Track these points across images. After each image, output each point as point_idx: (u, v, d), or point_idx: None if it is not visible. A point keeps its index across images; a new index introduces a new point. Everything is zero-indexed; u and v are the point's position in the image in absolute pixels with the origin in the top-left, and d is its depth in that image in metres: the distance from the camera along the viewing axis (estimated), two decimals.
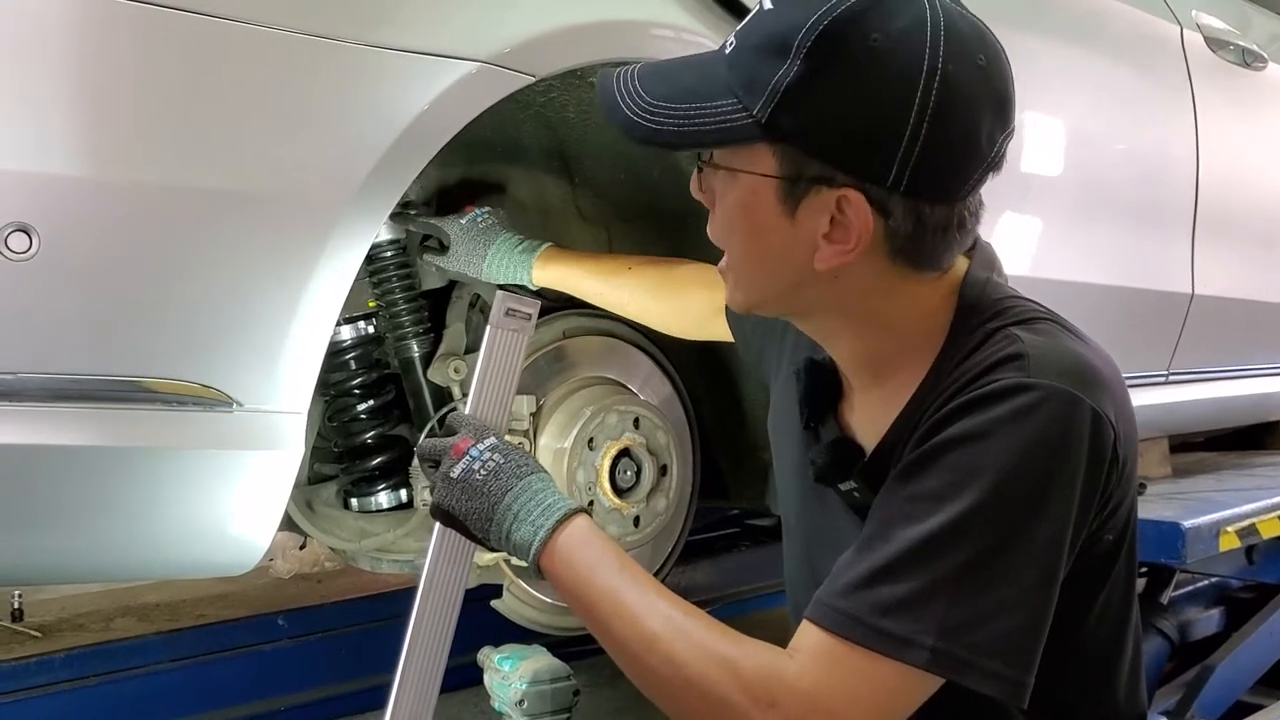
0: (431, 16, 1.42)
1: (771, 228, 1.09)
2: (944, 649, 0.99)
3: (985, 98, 1.05)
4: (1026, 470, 1.02)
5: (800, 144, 1.05)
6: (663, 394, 2.04)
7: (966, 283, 1.15)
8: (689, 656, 1.05)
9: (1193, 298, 2.73)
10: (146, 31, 1.23)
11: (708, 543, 3.03)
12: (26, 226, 1.18)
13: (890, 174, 1.03)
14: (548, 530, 1.13)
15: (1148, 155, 2.64)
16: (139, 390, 1.28)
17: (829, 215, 1.06)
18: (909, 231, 1.07)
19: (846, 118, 1.03)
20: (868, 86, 1.02)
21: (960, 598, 1.00)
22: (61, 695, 2.21)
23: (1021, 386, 1.03)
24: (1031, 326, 1.11)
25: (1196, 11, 2.84)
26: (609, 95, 1.13)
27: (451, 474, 1.18)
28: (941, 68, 1.01)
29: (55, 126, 1.20)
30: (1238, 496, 2.63)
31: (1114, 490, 1.08)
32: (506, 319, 1.29)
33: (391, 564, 1.88)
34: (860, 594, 1.02)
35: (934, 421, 1.07)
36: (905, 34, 1.02)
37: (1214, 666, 2.63)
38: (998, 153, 1.07)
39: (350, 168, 1.36)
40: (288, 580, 3.02)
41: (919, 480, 1.05)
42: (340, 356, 1.81)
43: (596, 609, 1.12)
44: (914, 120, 1.01)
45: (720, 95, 1.07)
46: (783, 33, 1.04)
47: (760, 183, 1.08)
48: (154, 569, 1.70)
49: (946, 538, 1.01)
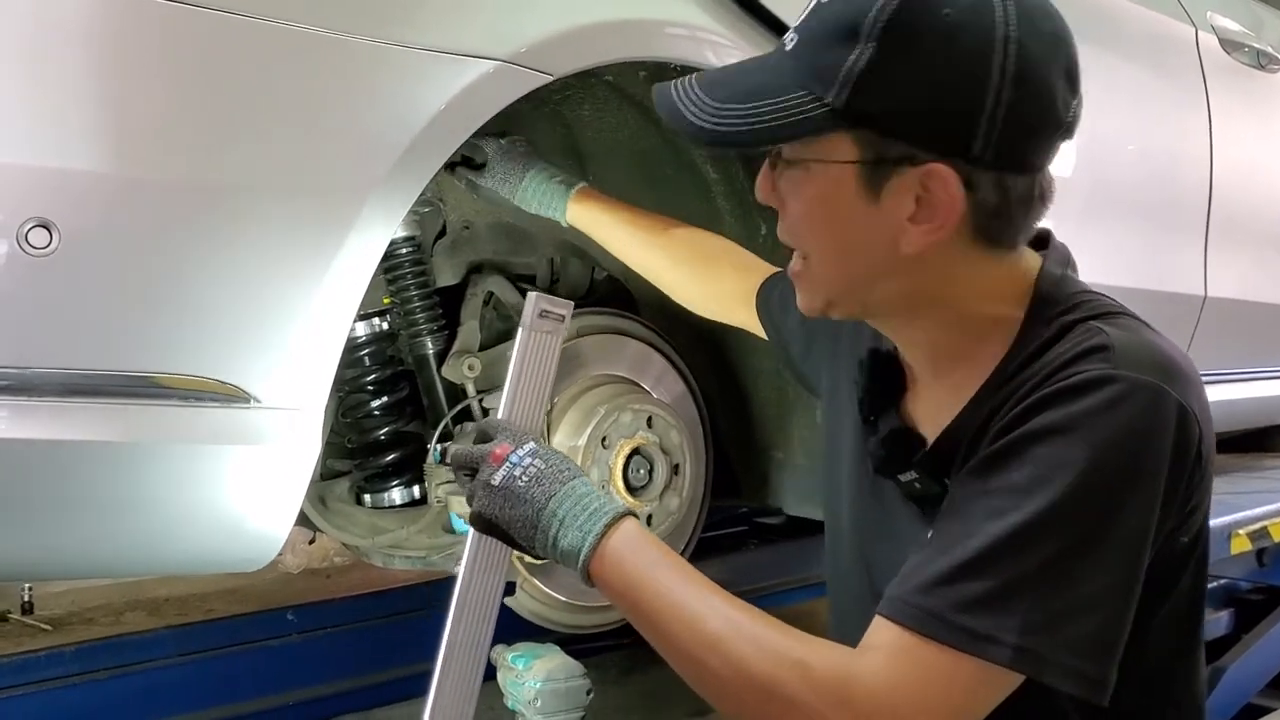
0: (451, 15, 1.42)
1: (853, 218, 1.08)
2: (1027, 646, 0.97)
3: (1057, 64, 1.05)
4: (1113, 464, 1.00)
5: (881, 126, 1.04)
6: (675, 392, 2.04)
7: (1042, 275, 1.14)
8: (755, 658, 1.03)
9: (1205, 299, 2.73)
10: (166, 28, 1.23)
11: (716, 540, 3.03)
12: (47, 222, 1.18)
13: (975, 146, 1.02)
14: (596, 535, 1.11)
15: (1161, 156, 2.64)
16: (156, 386, 1.28)
17: (914, 196, 1.05)
18: (995, 204, 1.06)
19: (927, 94, 1.02)
20: (945, 61, 1.01)
21: (1045, 594, 0.98)
22: (71, 688, 2.21)
23: (1108, 378, 1.02)
24: (1113, 320, 1.09)
25: (1211, 13, 2.83)
26: (669, 104, 1.12)
27: (493, 481, 1.16)
28: (1016, 36, 1.01)
29: (75, 123, 1.20)
30: (1249, 499, 2.64)
31: (1195, 489, 1.07)
32: (540, 320, 1.26)
33: (404, 560, 1.88)
34: (942, 590, 1.00)
35: (1016, 414, 1.05)
36: (977, 6, 1.02)
37: (1224, 669, 2.64)
38: (1073, 118, 1.07)
39: (369, 165, 1.36)
40: (297, 575, 3.02)
41: (1003, 474, 1.03)
42: (355, 353, 1.81)
43: (652, 613, 1.10)
44: (994, 91, 1.01)
45: (790, 89, 1.06)
46: (851, 17, 1.03)
47: (841, 172, 1.07)
48: (170, 564, 1.70)
49: (1033, 532, 0.99)
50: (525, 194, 1.71)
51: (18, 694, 2.17)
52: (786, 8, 1.75)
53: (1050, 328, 1.09)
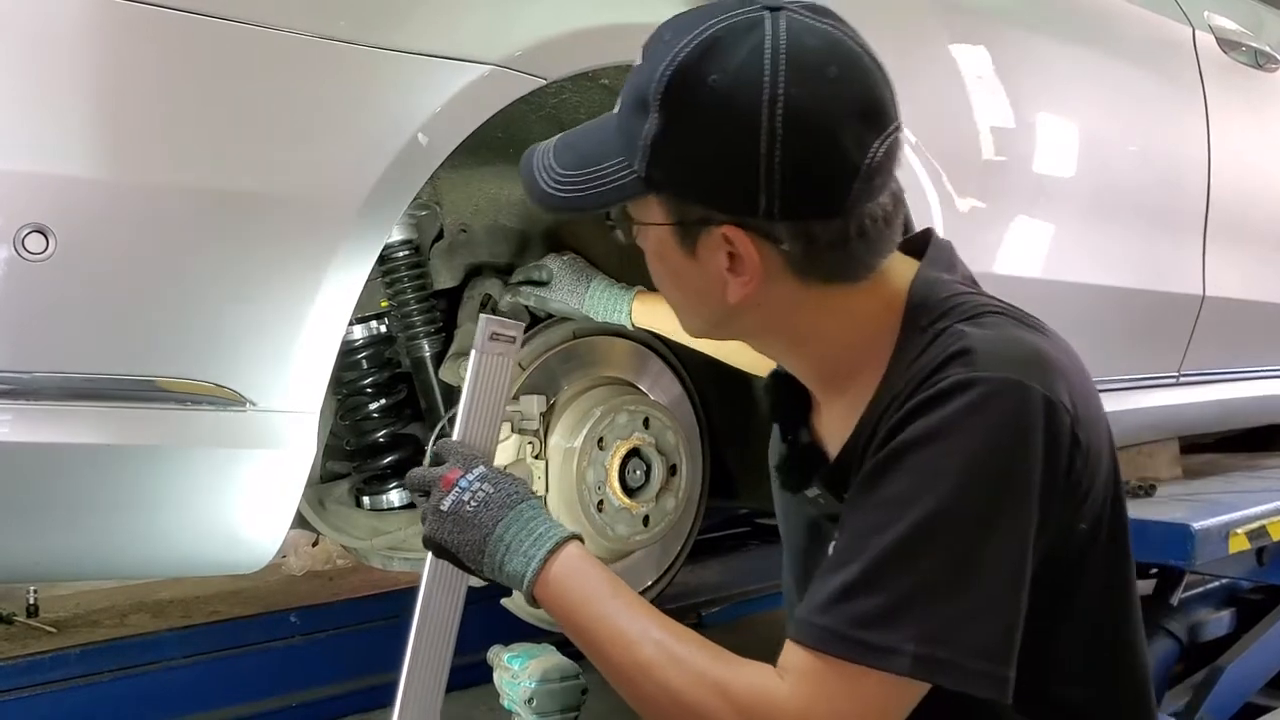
0: (444, 20, 1.43)
1: (683, 272, 1.15)
2: (925, 654, 1.00)
3: (842, 109, 1.04)
4: (985, 465, 1.02)
5: (677, 191, 1.10)
6: (672, 394, 2.05)
7: (914, 284, 1.16)
8: (682, 683, 1.06)
9: (1204, 299, 2.73)
10: (161, 35, 1.24)
11: (716, 542, 3.04)
12: (43, 228, 1.19)
13: (760, 204, 1.05)
14: (540, 561, 1.14)
15: (1159, 157, 2.64)
16: (153, 389, 1.29)
17: (724, 251, 1.10)
18: (803, 252, 1.09)
19: (705, 160, 1.06)
20: (716, 127, 1.04)
21: (936, 601, 1.01)
22: (76, 690, 2.23)
23: (970, 381, 1.04)
24: (978, 321, 1.11)
25: (1208, 13, 2.83)
26: (529, 174, 1.19)
27: (442, 507, 1.19)
28: (785, 92, 1.02)
29: (71, 129, 1.21)
30: (1248, 498, 2.63)
31: (1080, 475, 1.08)
32: (491, 343, 1.28)
33: (403, 562, 1.89)
34: (839, 607, 1.03)
35: (891, 426, 1.08)
36: (742, 68, 1.03)
37: (1224, 668, 2.64)
38: (874, 157, 1.06)
39: (364, 169, 1.37)
40: (300, 577, 3.03)
41: (883, 487, 1.06)
42: (353, 356, 1.83)
43: (591, 638, 1.13)
44: (764, 150, 1.03)
45: (611, 156, 1.12)
46: (641, 88, 1.08)
47: (660, 231, 1.13)
48: (166, 567, 1.71)
49: (916, 542, 1.02)
50: (592, 302, 1.81)
51: (23, 696, 2.19)
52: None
53: (925, 336, 1.12)
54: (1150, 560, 2.67)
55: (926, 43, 2.12)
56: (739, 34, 1.04)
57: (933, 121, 2.06)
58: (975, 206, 2.16)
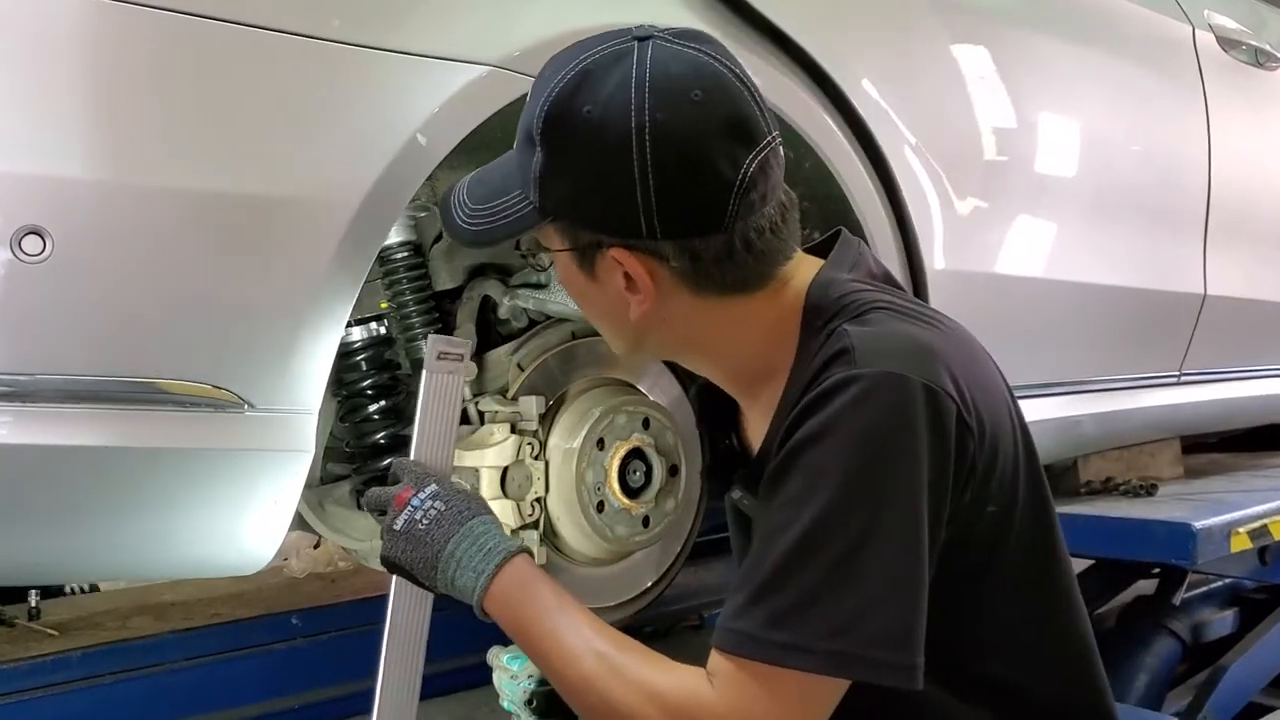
0: (442, 21, 1.44)
1: (589, 293, 1.20)
2: (833, 649, 1.02)
3: (709, 129, 1.09)
4: (869, 458, 1.05)
5: (568, 219, 1.15)
6: (672, 394, 2.04)
7: (811, 287, 1.19)
8: (619, 694, 1.10)
9: (1205, 298, 2.73)
10: (158, 36, 1.25)
11: (718, 543, 3.04)
12: (40, 229, 1.20)
13: (641, 226, 1.10)
14: (488, 576, 1.18)
15: (1159, 156, 2.64)
16: (151, 391, 1.30)
17: (620, 272, 1.15)
18: (690, 268, 1.14)
19: (586, 188, 1.12)
20: (592, 156, 1.10)
21: (838, 596, 1.03)
22: (78, 693, 2.23)
23: (850, 379, 1.07)
24: (862, 319, 1.14)
25: (1209, 11, 2.83)
26: (447, 209, 1.24)
27: (395, 526, 1.23)
28: (650, 118, 1.07)
29: (68, 130, 1.21)
30: (1250, 497, 2.63)
31: (975, 459, 1.10)
32: (439, 362, 1.31)
33: None
34: (751, 610, 1.06)
35: (785, 428, 1.11)
36: (611, 98, 1.08)
37: (1227, 667, 2.63)
38: (747, 172, 1.10)
39: (361, 170, 1.37)
40: (302, 579, 3.03)
41: (781, 488, 1.09)
42: (352, 357, 1.82)
43: (538, 651, 1.17)
44: (638, 174, 1.08)
45: (512, 189, 1.17)
46: (527, 123, 1.14)
47: (563, 257, 1.19)
48: (165, 568, 1.71)
49: (813, 539, 1.04)
50: None
51: (25, 699, 2.19)
52: (775, 9, 1.76)
53: (820, 337, 1.15)
54: (1152, 559, 2.67)
55: (926, 43, 2.13)
56: (608, 66, 1.10)
57: (933, 122, 2.07)
58: (975, 207, 2.16)
